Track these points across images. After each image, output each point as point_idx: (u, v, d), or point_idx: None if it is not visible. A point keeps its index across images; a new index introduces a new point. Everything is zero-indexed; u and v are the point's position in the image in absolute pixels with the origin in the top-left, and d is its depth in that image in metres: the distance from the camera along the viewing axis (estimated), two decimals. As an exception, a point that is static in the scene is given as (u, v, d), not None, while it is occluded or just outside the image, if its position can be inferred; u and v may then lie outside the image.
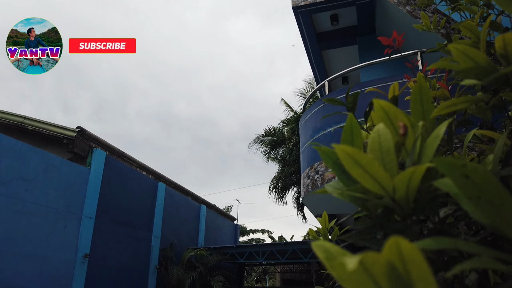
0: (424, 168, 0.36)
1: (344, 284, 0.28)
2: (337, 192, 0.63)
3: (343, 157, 0.39)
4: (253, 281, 30.43)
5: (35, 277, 8.91)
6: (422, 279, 0.25)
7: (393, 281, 0.25)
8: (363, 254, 0.25)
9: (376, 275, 0.26)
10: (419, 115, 0.55)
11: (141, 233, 13.24)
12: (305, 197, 7.64)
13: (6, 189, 8.51)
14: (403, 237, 0.35)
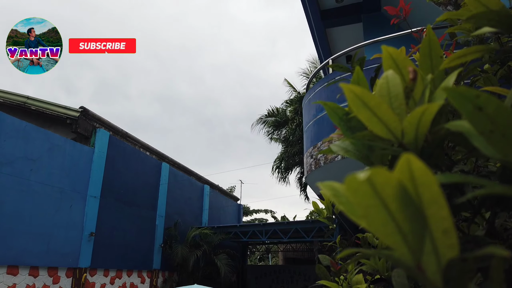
0: (436, 107, 0.35)
1: (353, 215, 0.28)
2: (342, 150, 0.62)
3: (350, 99, 0.38)
4: (256, 259, 30.92)
5: (43, 254, 9.09)
6: (433, 203, 0.25)
7: (404, 204, 0.25)
8: (372, 169, 0.25)
9: (386, 198, 0.25)
10: (428, 69, 0.53)
11: (146, 212, 13.40)
12: (308, 176, 7.67)
13: (12, 168, 8.58)
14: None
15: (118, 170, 12.10)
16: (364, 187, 0.25)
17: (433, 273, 0.26)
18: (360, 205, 0.26)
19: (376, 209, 0.26)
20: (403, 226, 0.26)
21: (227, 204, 20.95)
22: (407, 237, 0.26)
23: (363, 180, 0.24)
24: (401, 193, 0.24)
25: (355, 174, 0.25)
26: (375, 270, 1.31)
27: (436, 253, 0.26)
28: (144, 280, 12.93)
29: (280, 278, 19.27)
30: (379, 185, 0.25)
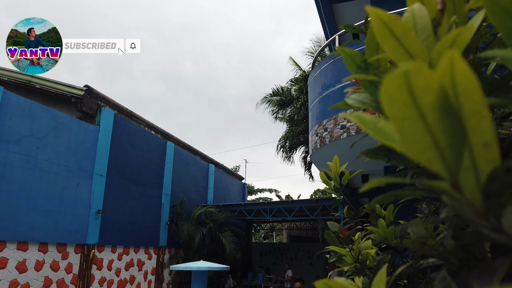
0: (470, 32, 0.32)
1: (382, 137, 0.26)
2: (359, 103, 0.60)
3: (376, 26, 0.35)
4: (260, 237, 31.36)
5: (51, 231, 9.26)
6: (475, 113, 0.23)
7: (443, 114, 0.23)
8: (413, 63, 0.23)
9: (424, 106, 0.23)
10: (450, 12, 0.50)
11: (152, 190, 13.53)
12: (313, 155, 7.67)
13: (19, 146, 8.65)
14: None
15: (123, 149, 12.16)
16: (401, 95, 0.23)
17: (471, 190, 0.24)
18: (396, 118, 0.24)
19: (412, 121, 0.24)
20: (440, 140, 0.24)
21: (232, 183, 21.09)
22: (444, 153, 0.24)
23: (400, 82, 0.22)
24: (441, 101, 0.22)
25: (393, 72, 0.23)
26: (384, 239, 1.30)
27: (475, 168, 0.24)
28: (151, 256, 13.18)
29: (284, 256, 19.57)
30: (418, 90, 0.23)
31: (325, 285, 0.39)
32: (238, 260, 18.65)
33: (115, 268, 11.41)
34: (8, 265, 8.19)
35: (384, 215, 1.46)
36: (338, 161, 1.66)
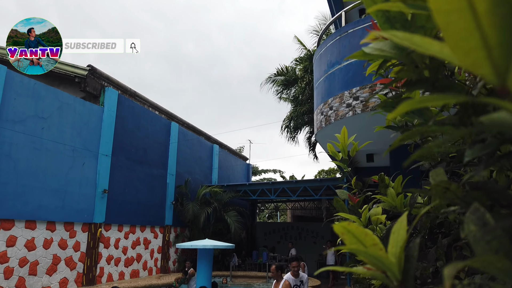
0: None
1: (420, 46, 0.24)
2: (377, 51, 0.57)
3: None
4: (265, 217, 31.69)
5: (59, 210, 9.38)
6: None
7: (496, 2, 0.21)
8: None
9: None
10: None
11: (157, 170, 13.61)
12: (318, 133, 7.64)
13: (24, 126, 8.68)
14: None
15: (128, 129, 12.18)
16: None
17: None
18: (441, 11, 0.22)
19: (459, 14, 0.21)
20: (490, 37, 0.22)
21: (236, 163, 21.18)
22: (493, 52, 0.22)
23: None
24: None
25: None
26: (393, 207, 1.29)
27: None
28: (157, 235, 13.37)
29: (288, 235, 19.78)
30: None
31: (344, 229, 0.38)
32: (242, 239, 18.90)
33: (122, 247, 11.60)
34: (17, 243, 8.34)
35: (393, 186, 1.45)
36: (347, 133, 1.64)
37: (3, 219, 8.08)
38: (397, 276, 0.37)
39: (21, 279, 8.35)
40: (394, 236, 0.39)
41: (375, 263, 0.37)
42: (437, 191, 0.44)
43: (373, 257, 0.37)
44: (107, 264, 10.95)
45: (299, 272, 6.79)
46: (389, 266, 0.37)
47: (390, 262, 0.37)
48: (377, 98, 6.33)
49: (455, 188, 0.42)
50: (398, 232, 0.41)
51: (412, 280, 0.37)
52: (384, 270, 0.38)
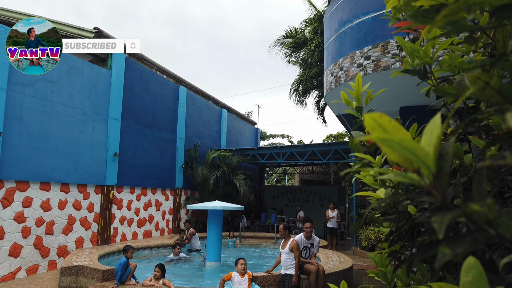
0: None
1: None
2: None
3: None
4: (273, 182, 32.08)
5: (71, 172, 9.58)
6: None
7: None
8: None
9: None
10: None
11: (166, 134, 13.71)
12: (328, 95, 7.55)
13: (33, 90, 8.71)
14: None
15: (136, 93, 12.17)
16: None
17: None
18: None
19: None
20: None
21: (245, 127, 21.20)
22: None
23: None
24: None
25: None
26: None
27: None
28: (168, 197, 13.66)
29: (296, 198, 20.09)
30: None
31: (375, 122, 0.37)
32: (251, 202, 19.26)
33: (134, 208, 11.92)
34: (33, 204, 8.60)
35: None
36: (361, 80, 1.61)
37: (19, 181, 8.29)
38: (432, 169, 0.36)
39: (38, 238, 8.67)
40: (427, 136, 0.38)
41: (408, 157, 0.37)
42: (475, 86, 0.42)
43: (407, 149, 0.36)
44: (121, 225, 11.30)
45: (312, 234, 6.94)
46: (424, 159, 0.37)
47: (425, 153, 0.36)
48: (389, 58, 6.19)
49: (497, 83, 0.40)
50: (432, 131, 0.40)
51: (446, 177, 0.37)
52: (417, 166, 0.37)
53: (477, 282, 0.39)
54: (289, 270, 6.24)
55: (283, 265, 6.36)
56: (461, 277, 0.42)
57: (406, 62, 1.43)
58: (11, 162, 8.08)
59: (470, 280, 0.40)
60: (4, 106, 7.98)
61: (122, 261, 6.60)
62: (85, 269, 7.04)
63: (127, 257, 6.70)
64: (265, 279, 6.46)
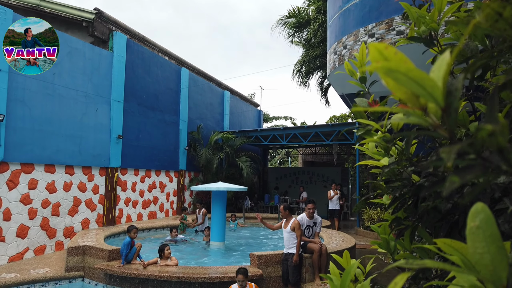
0: None
1: None
2: None
3: None
4: (276, 164, 32.16)
5: (76, 154, 9.62)
6: None
7: None
8: None
9: None
10: None
11: (169, 117, 13.69)
12: (331, 74, 7.46)
13: (35, 72, 8.66)
14: None
15: (138, 75, 12.10)
16: None
17: None
18: None
19: None
20: None
21: (248, 109, 21.13)
22: None
23: None
24: None
25: None
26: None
27: None
28: (172, 179, 13.75)
29: (299, 179, 20.17)
30: None
31: (379, 54, 0.35)
32: (255, 184, 19.37)
33: (138, 190, 12.01)
34: (39, 185, 8.67)
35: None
36: (365, 49, 1.57)
37: (24, 163, 8.35)
38: (440, 102, 0.35)
39: (45, 219, 8.79)
40: (435, 73, 0.36)
41: (414, 91, 0.35)
42: (487, 17, 0.39)
43: (414, 80, 0.34)
44: (126, 206, 11.42)
45: (314, 215, 7.03)
46: (432, 91, 0.35)
47: (433, 85, 0.35)
48: (394, 35, 6.08)
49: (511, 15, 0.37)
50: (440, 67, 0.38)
51: (455, 114, 0.35)
52: (424, 102, 0.36)
53: (485, 226, 0.38)
54: (291, 249, 6.31)
55: (285, 244, 6.43)
56: (468, 222, 0.40)
57: (412, 29, 1.40)
58: (15, 145, 8.12)
59: (477, 224, 0.39)
60: (6, 88, 7.96)
61: (127, 241, 6.69)
62: (92, 249, 7.15)
63: (131, 237, 6.79)
64: (269, 258, 6.54)
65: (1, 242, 7.77)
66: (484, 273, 0.36)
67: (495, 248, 0.37)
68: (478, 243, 0.37)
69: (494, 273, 0.36)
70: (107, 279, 6.62)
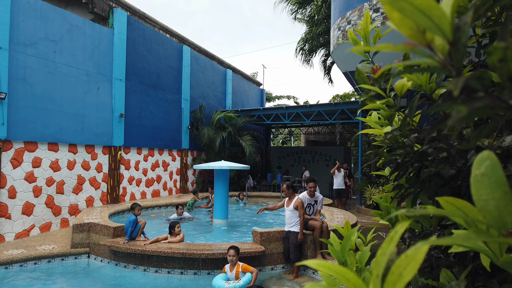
0: None
1: None
2: None
3: None
4: (278, 143, 32.17)
5: (78, 133, 9.64)
6: None
7: None
8: None
9: None
10: None
11: (171, 95, 13.63)
12: (335, 51, 7.35)
13: (35, 50, 8.59)
14: None
15: (139, 53, 11.98)
16: None
17: None
18: None
19: None
20: None
21: (250, 88, 20.98)
22: None
23: None
24: None
25: None
26: (417, 86, 1.24)
27: None
28: (174, 158, 13.80)
29: (302, 158, 20.20)
30: None
31: None
32: (257, 163, 19.43)
33: (142, 168, 12.08)
34: (42, 164, 8.73)
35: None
36: (369, 17, 1.53)
37: (27, 142, 8.38)
38: (448, 35, 0.33)
39: (49, 197, 8.88)
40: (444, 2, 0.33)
41: (421, 23, 0.33)
42: None
43: (420, 10, 0.32)
44: (129, 185, 11.51)
45: (315, 193, 7.06)
46: (439, 23, 0.33)
47: (441, 14, 0.32)
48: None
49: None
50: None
51: (464, 49, 0.33)
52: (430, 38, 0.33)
53: (491, 173, 0.37)
54: (292, 228, 6.36)
55: (287, 222, 6.49)
56: (473, 170, 0.39)
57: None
58: (18, 123, 8.13)
59: (482, 171, 0.37)
60: (7, 66, 7.91)
61: (132, 218, 6.76)
62: (97, 226, 7.24)
63: (135, 215, 6.86)
64: (271, 235, 6.61)
65: (7, 219, 7.89)
66: (489, 218, 0.35)
67: (500, 193, 0.35)
68: (482, 190, 0.36)
69: (499, 218, 0.35)
70: (112, 255, 6.73)
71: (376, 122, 1.27)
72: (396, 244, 0.37)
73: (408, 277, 0.31)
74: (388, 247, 0.36)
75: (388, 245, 0.36)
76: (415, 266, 0.31)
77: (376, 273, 0.35)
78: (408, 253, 0.32)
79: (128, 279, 6.31)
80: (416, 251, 0.32)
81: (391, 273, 0.33)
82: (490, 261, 0.70)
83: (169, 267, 6.25)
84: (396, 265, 0.33)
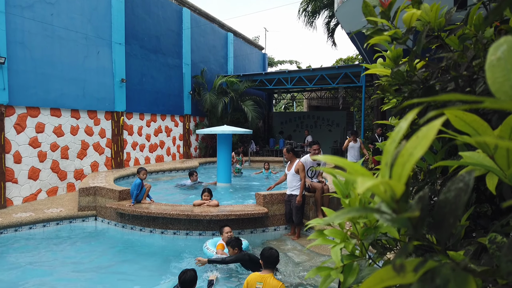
0: None
1: None
2: None
3: None
4: (281, 108, 32.02)
5: (80, 98, 9.60)
6: None
7: None
8: None
9: None
10: None
11: (172, 60, 13.44)
12: (339, 9, 7.14)
13: (32, 13, 8.39)
14: None
15: (138, 16, 11.70)
16: None
17: None
18: None
19: None
20: None
21: (252, 52, 20.63)
22: None
23: None
24: None
25: None
26: (426, 23, 1.20)
27: None
28: (177, 123, 13.81)
29: (304, 123, 20.17)
30: None
31: None
32: (260, 128, 19.42)
33: (145, 134, 12.12)
34: (46, 129, 8.76)
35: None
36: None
37: (29, 107, 8.36)
38: None
39: (54, 162, 8.98)
40: None
41: None
42: None
43: None
44: (133, 150, 11.59)
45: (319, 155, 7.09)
46: None
47: None
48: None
49: None
50: None
51: None
52: None
53: (507, 57, 0.36)
54: (294, 191, 6.41)
55: (289, 186, 6.53)
56: (488, 57, 0.38)
57: None
58: (19, 88, 8.08)
59: (498, 56, 0.36)
60: (4, 30, 7.76)
61: (137, 181, 6.85)
62: (102, 190, 7.36)
63: (141, 178, 6.95)
64: (274, 197, 6.70)
65: (14, 184, 8.02)
66: (504, 98, 0.34)
67: (516, 75, 0.34)
68: (498, 73, 0.35)
69: (514, 99, 0.34)
70: (119, 218, 6.89)
71: (381, 64, 1.24)
72: (406, 131, 0.36)
73: (418, 154, 0.31)
74: (397, 135, 0.35)
75: (397, 134, 0.35)
76: (426, 143, 0.31)
77: (385, 161, 0.35)
78: (419, 134, 0.32)
79: (135, 241, 6.49)
80: (428, 128, 0.31)
81: (401, 155, 0.32)
82: (496, 182, 0.70)
83: (174, 228, 6.40)
84: (407, 147, 0.32)
